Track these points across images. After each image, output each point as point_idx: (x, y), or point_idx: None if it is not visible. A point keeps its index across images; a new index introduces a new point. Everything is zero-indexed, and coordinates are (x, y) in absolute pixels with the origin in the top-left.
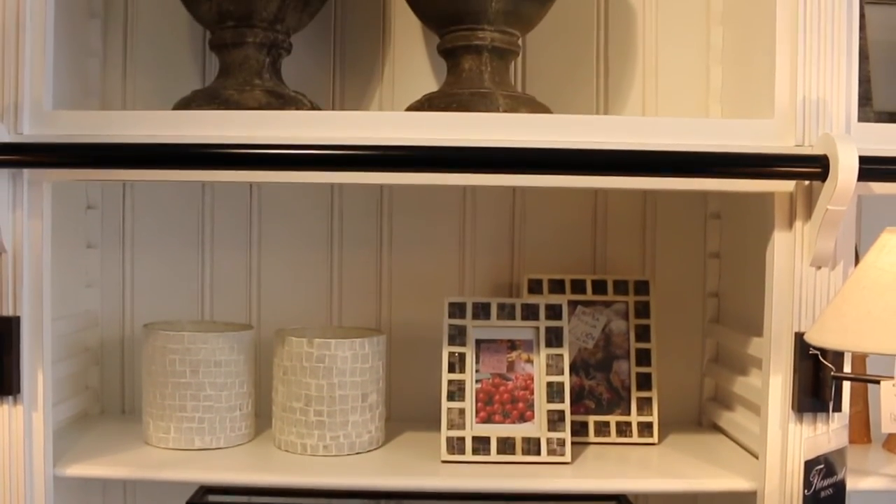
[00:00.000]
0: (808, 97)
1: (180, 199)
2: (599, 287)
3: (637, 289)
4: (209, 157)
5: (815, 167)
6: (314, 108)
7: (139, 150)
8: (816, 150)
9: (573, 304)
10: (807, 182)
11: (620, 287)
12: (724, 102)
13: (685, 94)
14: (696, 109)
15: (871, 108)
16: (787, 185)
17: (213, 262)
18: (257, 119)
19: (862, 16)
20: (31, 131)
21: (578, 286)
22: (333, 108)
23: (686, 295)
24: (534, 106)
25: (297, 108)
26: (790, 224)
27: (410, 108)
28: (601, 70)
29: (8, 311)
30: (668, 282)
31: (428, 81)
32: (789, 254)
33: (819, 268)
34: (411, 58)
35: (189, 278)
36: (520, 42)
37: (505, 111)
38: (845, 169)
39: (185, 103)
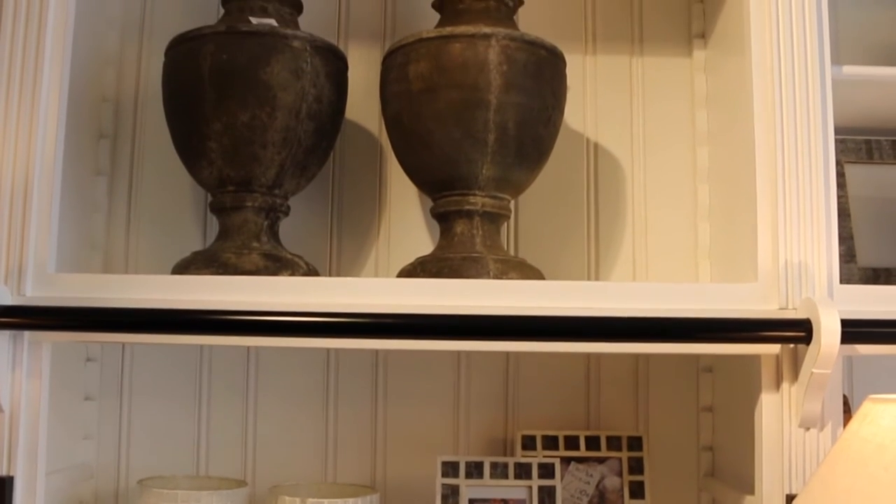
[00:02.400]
0: (790, 260)
1: (179, 353)
2: (593, 443)
3: (630, 445)
4: (206, 323)
5: (798, 331)
6: (310, 270)
7: (138, 316)
8: (800, 315)
9: (567, 461)
10: (792, 345)
11: (614, 443)
12: (713, 258)
13: (674, 250)
14: (685, 266)
15: (855, 265)
16: (773, 349)
17: (209, 416)
18: (253, 284)
19: (841, 174)
20: (33, 293)
21: (572, 442)
22: (330, 267)
23: (680, 449)
24: (524, 270)
25: (294, 272)
26: (777, 386)
27: (403, 272)
28: (592, 228)
29: (2, 472)
30: (662, 436)
31: (423, 241)
32: (777, 415)
33: (808, 429)
34: (406, 219)
35: (185, 432)
36: (511, 206)
37: (495, 276)
38: (828, 333)
39: (185, 265)
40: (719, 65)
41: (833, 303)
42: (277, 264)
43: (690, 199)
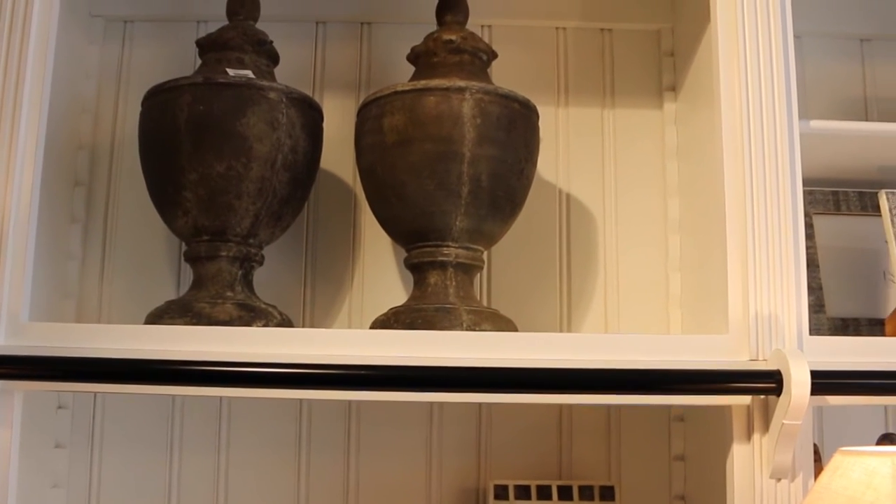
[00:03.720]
0: (760, 312)
1: (151, 402)
2: (565, 492)
3: (602, 494)
4: (178, 373)
5: (768, 383)
6: (284, 320)
7: (110, 366)
8: (770, 366)
9: None
10: (763, 396)
11: (586, 492)
12: (684, 308)
13: (646, 300)
14: (657, 316)
15: (824, 315)
16: (744, 400)
17: (181, 466)
18: (227, 335)
19: (810, 225)
20: (6, 342)
21: (544, 492)
22: (304, 316)
23: (652, 498)
24: (497, 321)
25: (267, 322)
26: (748, 436)
27: (377, 322)
28: (564, 279)
29: None
30: (634, 485)
31: (396, 291)
32: (749, 465)
33: (779, 479)
34: (380, 269)
35: (156, 481)
36: (484, 257)
37: (469, 327)
38: (798, 385)
39: (159, 314)
40: (689, 117)
41: (803, 354)
42: (251, 314)
43: (661, 249)
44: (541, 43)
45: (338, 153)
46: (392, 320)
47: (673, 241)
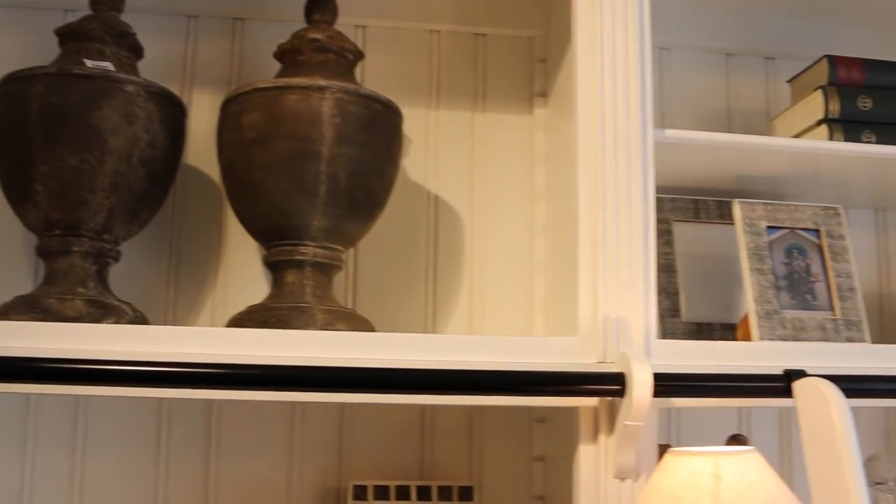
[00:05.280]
0: (608, 316)
1: (2, 400)
2: (424, 493)
3: (461, 495)
4: (23, 371)
5: (613, 385)
6: (137, 317)
7: None
8: (615, 368)
9: None
10: (609, 398)
11: (444, 493)
12: (547, 312)
13: (511, 304)
14: (522, 319)
15: (680, 319)
16: (591, 401)
17: (34, 466)
18: (74, 331)
19: (669, 232)
20: None
21: (403, 492)
22: (166, 315)
23: (512, 498)
24: (352, 321)
25: (119, 319)
26: (595, 437)
27: (233, 321)
28: (430, 281)
29: None
30: (495, 486)
31: (261, 290)
32: (594, 465)
33: (623, 479)
34: (245, 268)
35: (8, 480)
36: (343, 257)
37: (322, 326)
38: (640, 387)
39: (5, 310)
40: (557, 123)
41: (646, 357)
42: (102, 311)
43: (528, 253)
44: (414, 45)
45: (206, 150)
46: (247, 319)
47: (539, 244)
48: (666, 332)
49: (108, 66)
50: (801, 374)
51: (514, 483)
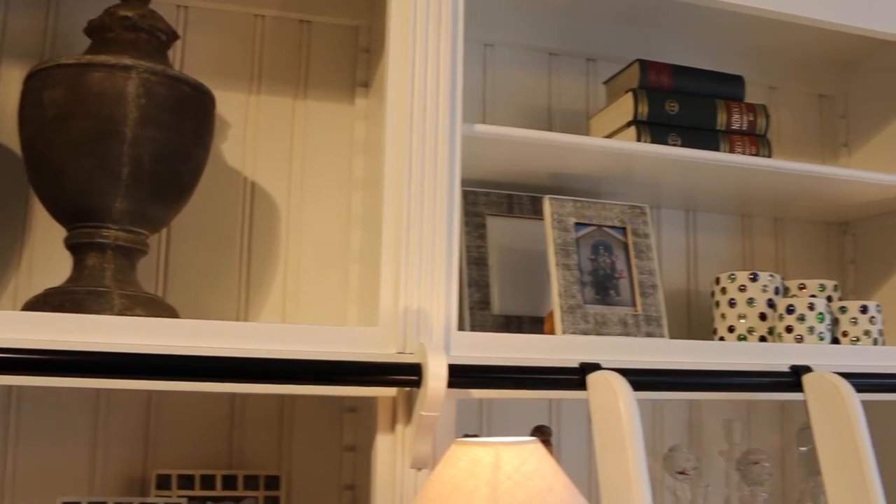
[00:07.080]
0: (410, 307)
1: None
2: (230, 482)
3: (268, 484)
4: None
5: (410, 376)
6: None
7: None
8: (412, 359)
9: (201, 500)
10: (407, 388)
11: (251, 482)
12: (361, 302)
13: (326, 293)
14: (336, 309)
15: (489, 312)
16: (390, 391)
17: None
18: None
19: (483, 226)
20: None
21: (208, 482)
22: None
23: (322, 488)
24: (153, 306)
25: None
26: (392, 427)
27: (28, 304)
28: (244, 268)
29: None
30: (305, 475)
31: (67, 272)
32: (391, 456)
33: (419, 469)
34: (52, 249)
35: None
36: (148, 241)
37: (120, 311)
38: (434, 377)
39: None
40: (375, 114)
41: (444, 349)
42: None
43: (344, 243)
44: (238, 29)
45: (12, 126)
46: (42, 302)
47: (355, 234)
48: (476, 325)
49: None
50: (595, 367)
51: (325, 472)
